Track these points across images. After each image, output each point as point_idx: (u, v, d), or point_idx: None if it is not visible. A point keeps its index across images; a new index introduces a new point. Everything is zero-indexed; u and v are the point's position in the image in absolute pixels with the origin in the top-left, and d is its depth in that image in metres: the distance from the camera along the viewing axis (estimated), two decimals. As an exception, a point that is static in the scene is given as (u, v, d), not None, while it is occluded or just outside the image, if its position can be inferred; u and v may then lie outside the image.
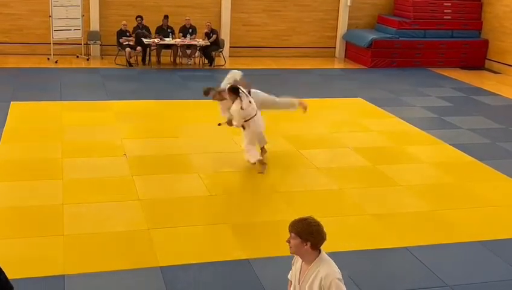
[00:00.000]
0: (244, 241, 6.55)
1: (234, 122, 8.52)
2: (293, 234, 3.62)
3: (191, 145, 9.56)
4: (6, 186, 7.77)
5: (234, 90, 8.41)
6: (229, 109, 8.61)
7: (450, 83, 15.78)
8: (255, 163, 8.58)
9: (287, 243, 3.67)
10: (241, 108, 8.29)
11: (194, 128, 10.51)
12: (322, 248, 3.69)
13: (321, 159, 9.22)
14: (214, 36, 16.29)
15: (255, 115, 8.49)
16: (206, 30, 16.25)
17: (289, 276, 3.99)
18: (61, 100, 12.00)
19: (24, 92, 12.50)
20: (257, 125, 8.54)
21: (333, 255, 3.88)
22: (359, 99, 13.39)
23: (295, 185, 8.29)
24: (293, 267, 3.89)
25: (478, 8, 18.24)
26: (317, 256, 3.66)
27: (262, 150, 8.91)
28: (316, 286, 3.61)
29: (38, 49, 16.12)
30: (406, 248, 6.56)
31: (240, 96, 8.35)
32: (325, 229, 3.65)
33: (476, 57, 18.12)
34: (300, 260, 3.77)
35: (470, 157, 9.74)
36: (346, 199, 7.90)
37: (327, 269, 3.61)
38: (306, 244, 3.59)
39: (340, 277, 3.62)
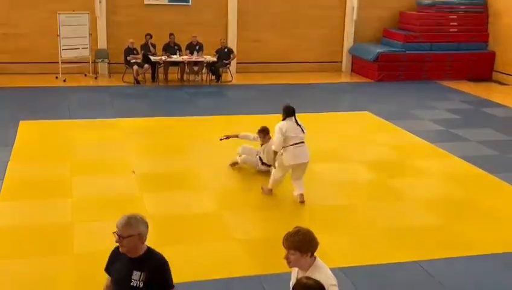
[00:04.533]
0: (254, 257, 6.52)
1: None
2: (291, 250, 3.65)
3: (200, 162, 9.56)
4: (15, 205, 7.79)
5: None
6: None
7: (457, 95, 15.75)
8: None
9: (285, 260, 3.69)
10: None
11: (202, 144, 10.52)
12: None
13: (330, 173, 9.20)
14: (233, 56, 16.48)
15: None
16: (220, 47, 16.33)
17: (290, 284, 3.98)
18: (69, 119, 12.07)
19: (33, 111, 12.58)
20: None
21: (343, 270, 3.85)
22: (367, 113, 13.38)
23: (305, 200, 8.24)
24: (292, 275, 3.90)
25: (484, 20, 18.26)
26: (313, 262, 3.70)
27: None
28: None
29: (47, 68, 16.21)
30: (417, 262, 6.52)
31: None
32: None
33: (483, 69, 18.11)
34: (297, 268, 3.80)
35: (479, 169, 9.69)
36: (355, 214, 7.86)
37: (321, 276, 3.60)
38: (306, 255, 3.65)
39: (335, 282, 3.64)
